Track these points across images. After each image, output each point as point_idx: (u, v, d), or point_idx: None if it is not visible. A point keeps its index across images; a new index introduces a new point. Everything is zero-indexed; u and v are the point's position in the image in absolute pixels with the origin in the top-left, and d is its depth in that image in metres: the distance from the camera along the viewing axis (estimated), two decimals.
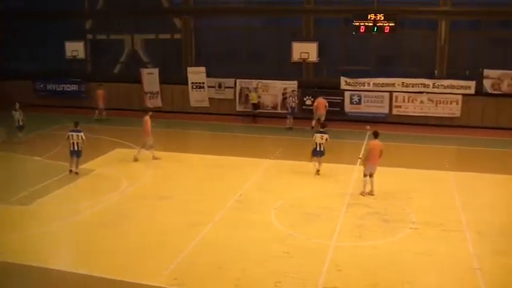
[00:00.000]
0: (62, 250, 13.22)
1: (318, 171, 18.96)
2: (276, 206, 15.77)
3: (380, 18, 25.53)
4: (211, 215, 14.93)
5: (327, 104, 27.27)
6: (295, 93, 27.97)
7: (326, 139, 18.85)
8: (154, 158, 20.62)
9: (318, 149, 18.86)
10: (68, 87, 32.94)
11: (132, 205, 15.90)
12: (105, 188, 17.42)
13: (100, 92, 29.06)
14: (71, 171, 18.87)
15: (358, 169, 19.48)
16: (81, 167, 19.30)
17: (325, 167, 19.34)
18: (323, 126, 19.78)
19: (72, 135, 18.69)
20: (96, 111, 28.79)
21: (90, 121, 26.67)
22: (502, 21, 28.36)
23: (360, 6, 27.55)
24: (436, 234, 13.86)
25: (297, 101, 27.73)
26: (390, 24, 25.54)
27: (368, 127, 19.16)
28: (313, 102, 27.59)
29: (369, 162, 16.84)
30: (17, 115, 23.33)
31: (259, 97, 28.88)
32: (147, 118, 20.70)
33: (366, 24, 25.73)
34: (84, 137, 18.76)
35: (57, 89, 33.11)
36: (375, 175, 16.88)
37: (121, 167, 19.85)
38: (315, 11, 29.48)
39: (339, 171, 19.39)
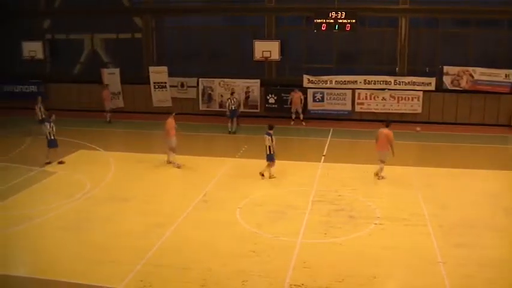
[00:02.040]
0: (21, 255, 12.84)
1: (271, 176, 18.38)
2: (241, 205, 15.73)
3: (341, 16, 25.68)
4: (175, 215, 14.82)
5: (303, 97, 27.49)
6: (235, 95, 27.18)
7: (268, 140, 18.06)
8: (169, 162, 19.95)
9: (266, 152, 18.34)
10: (27, 89, 32.16)
11: (95, 208, 15.63)
12: (67, 190, 17.07)
13: (105, 93, 28.45)
14: (60, 162, 19.91)
15: (322, 166, 19.67)
16: (42, 169, 19.16)
17: (289, 165, 19.39)
18: (270, 127, 18.43)
19: (46, 124, 20.13)
20: (107, 114, 28.18)
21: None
22: (459, 19, 28.88)
23: (321, 4, 27.63)
24: (400, 229, 14.04)
25: (236, 104, 26.40)
26: (351, 22, 25.72)
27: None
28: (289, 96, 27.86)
29: (377, 148, 18.21)
30: (37, 109, 24.52)
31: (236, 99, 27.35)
32: (169, 119, 20.11)
33: (327, 22, 25.83)
34: (53, 127, 19.91)
35: (15, 91, 32.30)
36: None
37: (84, 169, 19.49)
38: (276, 9, 29.50)
39: (303, 169, 19.46)
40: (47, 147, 19.92)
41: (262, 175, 18.38)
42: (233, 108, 26.15)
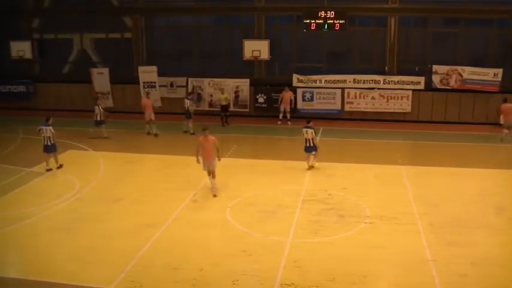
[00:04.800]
0: (11, 256, 12.74)
1: (310, 167, 19.27)
2: (231, 204, 15.71)
3: (330, 15, 25.73)
4: (165, 215, 14.76)
5: (293, 97, 27.52)
6: (193, 96, 27.03)
7: (311, 133, 18.96)
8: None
9: (307, 144, 19.09)
10: (15, 89, 32.01)
11: (85, 208, 15.54)
12: (57, 190, 16.97)
13: (145, 102, 25.65)
14: (48, 169, 18.95)
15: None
16: (31, 169, 18.97)
17: (279, 164, 19.38)
18: (308, 121, 19.53)
19: (42, 128, 19.07)
20: (151, 125, 25.55)
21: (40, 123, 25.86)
22: (448, 18, 28.98)
23: (310, 4, 27.67)
24: (390, 228, 14.06)
25: (194, 105, 26.27)
26: (340, 22, 25.77)
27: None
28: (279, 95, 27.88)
29: (503, 119, 23.08)
30: (97, 110, 24.15)
31: (226, 98, 27.89)
32: (200, 138, 17.34)
33: (317, 21, 25.88)
34: (53, 131, 19.05)
35: (3, 91, 32.12)
36: None
37: (73, 169, 19.39)
38: (266, 9, 29.52)
39: (292, 168, 19.45)
40: (44, 153, 19.14)
41: (312, 167, 19.29)
42: (188, 108, 25.76)
